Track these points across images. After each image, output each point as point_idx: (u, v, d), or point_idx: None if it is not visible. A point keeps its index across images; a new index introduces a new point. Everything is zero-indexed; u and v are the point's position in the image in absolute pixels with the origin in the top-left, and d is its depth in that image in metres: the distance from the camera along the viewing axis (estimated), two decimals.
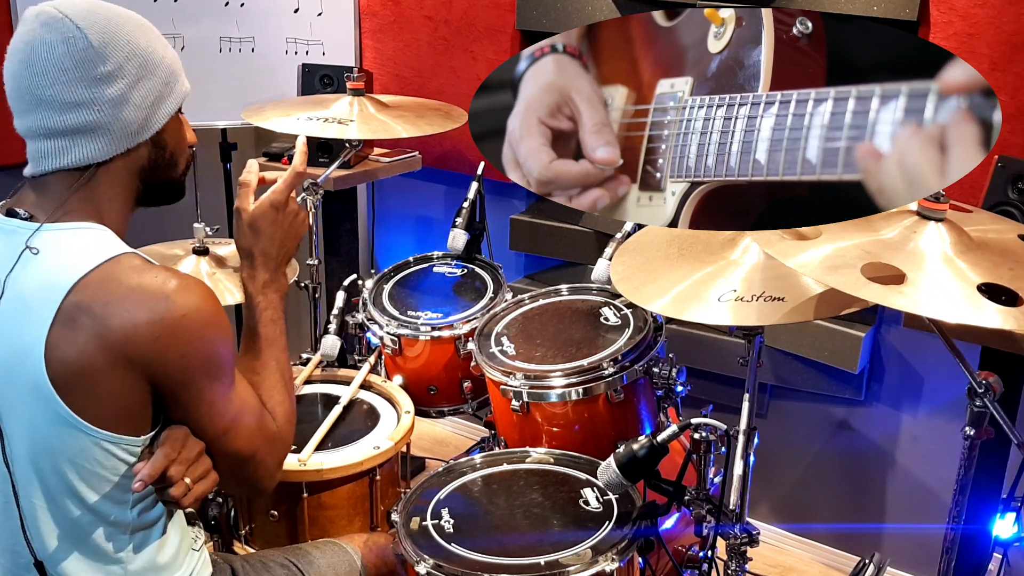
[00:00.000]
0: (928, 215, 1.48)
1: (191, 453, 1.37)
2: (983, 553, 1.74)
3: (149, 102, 1.38)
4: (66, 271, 1.29)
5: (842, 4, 2.36)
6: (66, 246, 1.33)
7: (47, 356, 1.27)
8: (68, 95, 1.33)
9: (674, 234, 1.88)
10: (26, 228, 1.34)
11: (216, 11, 3.15)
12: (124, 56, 1.35)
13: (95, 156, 1.36)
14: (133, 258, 1.34)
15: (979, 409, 1.51)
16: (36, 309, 1.28)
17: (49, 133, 1.35)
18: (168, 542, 1.47)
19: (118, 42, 1.35)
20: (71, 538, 1.37)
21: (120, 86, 1.35)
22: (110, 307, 1.27)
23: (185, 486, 1.35)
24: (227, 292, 2.20)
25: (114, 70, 1.34)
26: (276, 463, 1.50)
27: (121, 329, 1.27)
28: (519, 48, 2.94)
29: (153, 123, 1.40)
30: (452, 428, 3.55)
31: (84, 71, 1.33)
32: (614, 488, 1.69)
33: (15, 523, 1.36)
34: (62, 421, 1.29)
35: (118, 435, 1.32)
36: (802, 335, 2.61)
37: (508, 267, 2.88)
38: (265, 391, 1.49)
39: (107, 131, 1.35)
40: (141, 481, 1.32)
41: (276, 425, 1.48)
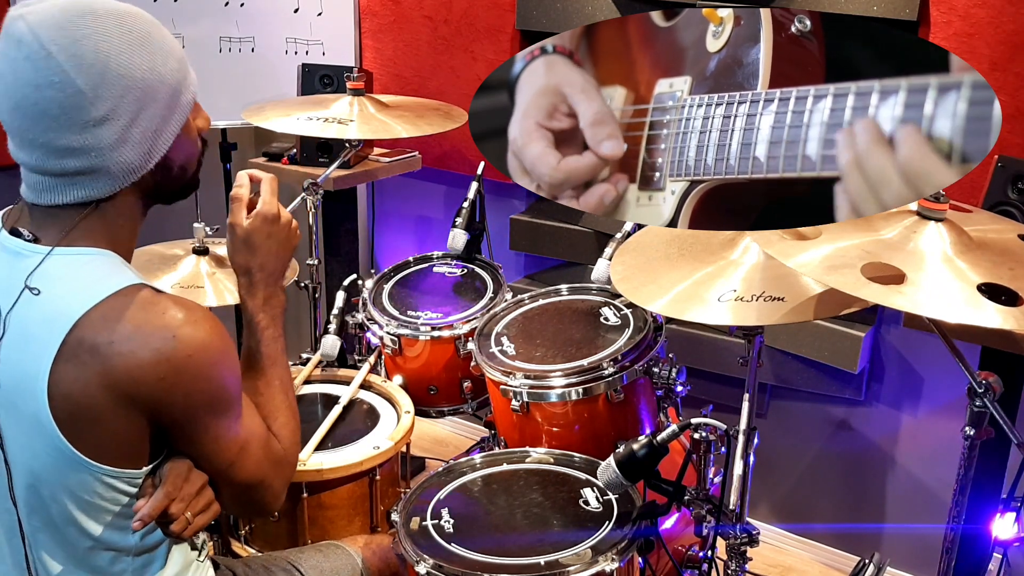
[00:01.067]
0: (928, 215, 1.48)
1: (193, 488, 1.34)
2: (983, 553, 1.74)
3: (151, 133, 1.29)
4: (71, 305, 1.24)
5: (842, 4, 2.36)
6: (72, 275, 1.27)
7: (50, 392, 1.22)
8: (60, 141, 1.23)
9: (674, 234, 1.88)
10: (30, 251, 1.28)
11: (216, 11, 3.15)
12: (119, 94, 1.24)
13: (94, 196, 1.29)
14: (140, 290, 1.28)
15: (979, 409, 1.51)
16: (40, 341, 1.23)
17: (44, 172, 1.27)
18: (172, 560, 1.44)
19: (110, 79, 1.23)
20: (74, 561, 1.34)
21: (117, 127, 1.25)
22: (114, 346, 1.22)
23: (185, 520, 1.33)
24: (227, 292, 2.21)
25: (108, 112, 1.24)
26: (283, 485, 1.46)
27: (125, 369, 1.22)
28: (519, 48, 2.94)
29: (156, 152, 1.31)
30: (452, 428, 3.55)
31: (75, 117, 1.22)
32: (614, 488, 1.69)
33: (17, 544, 1.34)
34: (62, 455, 1.25)
35: (119, 469, 1.29)
36: (802, 335, 2.61)
37: (508, 267, 2.88)
38: (270, 412, 1.46)
39: (106, 173, 1.27)
40: (140, 520, 1.29)
41: (282, 448, 1.45)
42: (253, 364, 1.48)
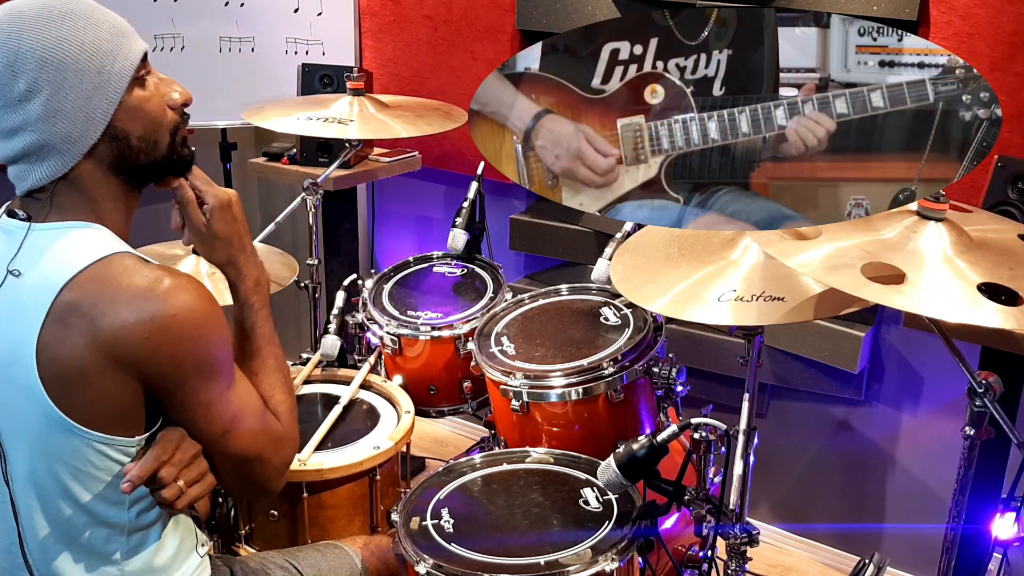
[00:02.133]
0: (928, 215, 1.48)
1: (185, 455, 1.35)
2: (983, 553, 1.73)
3: (82, 102, 1.30)
4: (59, 270, 1.28)
5: (842, 4, 2.36)
6: (59, 246, 1.31)
7: (38, 356, 1.26)
8: (4, 124, 1.30)
9: (674, 234, 1.88)
10: (22, 228, 1.33)
11: (216, 11, 3.15)
12: (35, 67, 1.27)
13: (53, 174, 1.32)
14: (127, 257, 1.32)
15: (979, 409, 1.51)
16: (29, 307, 1.27)
17: (7, 160, 1.33)
18: (166, 544, 1.45)
19: (23, 54, 1.27)
20: (66, 539, 1.36)
21: (41, 100, 1.28)
22: (100, 307, 1.26)
23: (178, 488, 1.34)
24: (227, 292, 2.20)
25: (29, 86, 1.27)
26: (283, 463, 1.48)
27: (110, 329, 1.25)
28: (519, 48, 2.94)
29: (96, 121, 1.31)
30: (452, 428, 3.55)
31: (4, 96, 1.28)
32: (614, 488, 1.69)
33: (10, 523, 1.35)
34: (53, 422, 1.28)
35: (111, 436, 1.31)
36: (802, 335, 2.61)
37: (508, 267, 2.88)
38: (266, 390, 1.48)
39: (52, 148, 1.30)
40: (129, 482, 1.30)
41: (281, 424, 1.47)
42: (248, 345, 1.50)
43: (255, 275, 1.52)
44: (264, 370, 1.50)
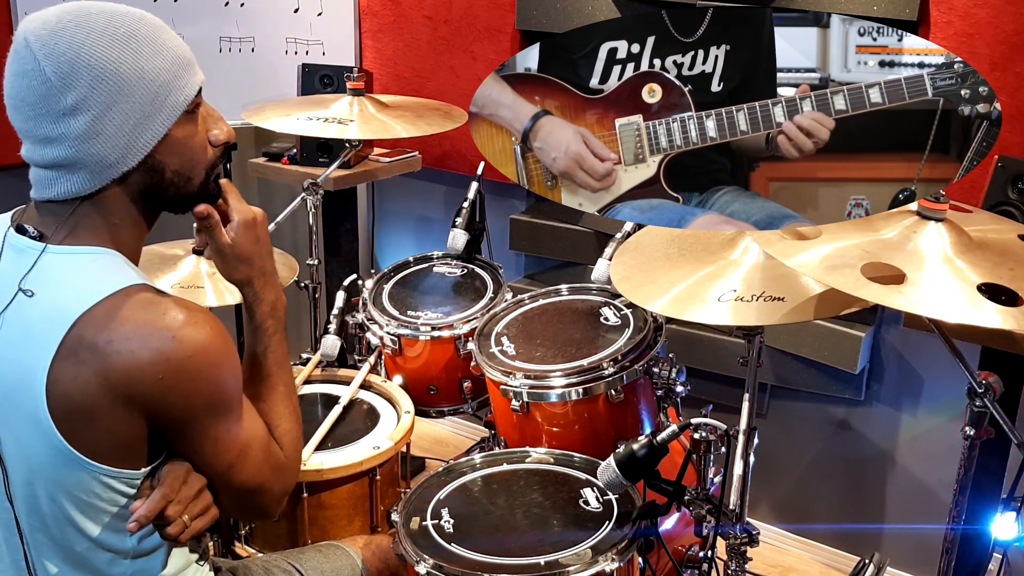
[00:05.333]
0: (928, 215, 1.48)
1: (191, 491, 1.33)
2: (983, 553, 1.73)
3: (127, 129, 1.26)
4: (72, 301, 1.24)
5: (842, 4, 2.36)
6: (73, 274, 1.27)
7: (48, 389, 1.22)
8: (39, 131, 1.26)
9: (674, 234, 1.88)
10: (34, 248, 1.29)
11: (216, 11, 3.15)
12: (87, 84, 1.23)
13: (78, 191, 1.28)
14: (142, 290, 1.27)
15: (979, 409, 1.51)
16: (40, 336, 1.23)
17: (35, 163, 1.30)
18: (171, 563, 1.43)
19: (79, 70, 1.23)
20: (72, 562, 1.34)
21: (86, 119, 1.24)
22: (114, 344, 1.22)
23: (183, 524, 1.32)
24: (227, 292, 2.20)
25: (77, 102, 1.23)
26: (283, 491, 1.45)
27: (124, 368, 1.22)
28: (519, 48, 2.94)
29: (135, 150, 1.28)
30: (452, 428, 3.55)
31: (47, 105, 1.24)
32: (614, 488, 1.69)
33: (16, 541, 1.34)
34: (59, 454, 1.25)
35: (117, 468, 1.28)
36: (802, 335, 2.61)
37: (508, 267, 2.88)
38: (273, 418, 1.45)
39: (83, 166, 1.27)
40: (136, 522, 1.28)
41: (284, 454, 1.44)
42: (258, 370, 1.47)
43: (272, 298, 1.47)
44: (273, 396, 1.46)
